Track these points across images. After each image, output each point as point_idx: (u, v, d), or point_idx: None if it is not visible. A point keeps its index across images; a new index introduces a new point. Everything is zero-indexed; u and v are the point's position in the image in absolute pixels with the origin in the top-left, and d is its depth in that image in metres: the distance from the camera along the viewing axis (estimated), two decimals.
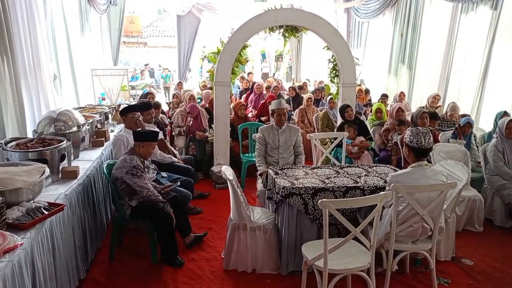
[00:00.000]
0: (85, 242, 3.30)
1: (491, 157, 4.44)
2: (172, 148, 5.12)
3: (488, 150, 4.53)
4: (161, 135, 4.96)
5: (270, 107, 4.52)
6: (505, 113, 4.95)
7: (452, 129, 5.26)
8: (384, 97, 8.05)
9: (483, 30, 6.43)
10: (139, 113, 4.49)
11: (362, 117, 6.66)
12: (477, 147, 5.15)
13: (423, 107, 6.47)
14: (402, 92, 7.88)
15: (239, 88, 10.84)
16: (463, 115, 5.65)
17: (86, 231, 3.34)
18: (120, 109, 4.81)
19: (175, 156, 4.92)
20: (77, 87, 6.89)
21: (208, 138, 6.09)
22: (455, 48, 7.23)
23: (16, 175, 2.50)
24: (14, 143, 3.29)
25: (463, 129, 5.05)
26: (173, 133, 6.52)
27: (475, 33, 6.68)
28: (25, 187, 2.47)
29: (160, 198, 3.50)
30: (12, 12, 4.15)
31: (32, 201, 2.56)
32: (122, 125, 5.11)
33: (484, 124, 6.27)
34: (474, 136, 5.24)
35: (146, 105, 5.07)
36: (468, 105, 6.74)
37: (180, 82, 10.80)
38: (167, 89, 15.00)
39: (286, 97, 9.32)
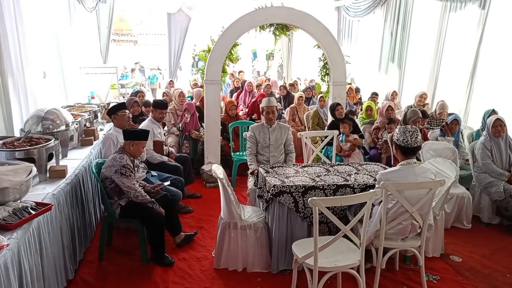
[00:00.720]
0: (73, 242, 3.27)
1: (479, 155, 4.50)
2: (172, 149, 5.10)
3: (476, 148, 4.58)
4: (160, 137, 4.92)
5: (260, 105, 4.51)
6: (493, 111, 5.00)
7: (441, 128, 5.31)
8: (374, 95, 8.09)
9: (472, 29, 6.50)
10: (128, 111, 4.45)
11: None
12: (463, 143, 5.21)
13: (411, 106, 6.53)
14: (394, 91, 7.92)
15: (229, 85, 10.80)
16: (450, 114, 5.71)
17: (74, 231, 3.31)
18: (108, 108, 4.77)
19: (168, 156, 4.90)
20: (66, 86, 6.80)
21: (200, 139, 6.07)
22: (444, 46, 7.30)
23: (3, 174, 2.46)
24: (0, 142, 3.24)
25: (450, 126, 5.10)
26: (164, 132, 6.47)
27: (464, 32, 6.75)
28: (12, 186, 2.43)
29: (148, 198, 3.47)
30: None
31: (19, 201, 2.52)
32: (111, 124, 5.06)
33: (472, 122, 6.34)
34: (461, 133, 5.29)
35: (163, 104, 5.03)
36: (456, 104, 6.80)
37: (171, 80, 10.73)
38: (153, 90, 14.70)
39: (277, 95, 9.32)
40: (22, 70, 4.73)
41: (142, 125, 4.83)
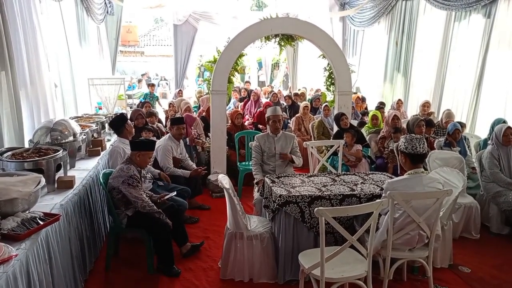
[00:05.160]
0: (82, 252, 3.28)
1: (486, 164, 4.46)
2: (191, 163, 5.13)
3: (483, 157, 4.55)
4: (180, 156, 4.91)
5: (266, 114, 4.50)
6: (504, 122, 4.98)
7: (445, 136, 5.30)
8: (381, 105, 8.06)
9: (477, 38, 6.50)
10: (130, 122, 4.48)
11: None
12: (470, 150, 5.18)
13: (417, 115, 6.51)
14: (400, 100, 7.91)
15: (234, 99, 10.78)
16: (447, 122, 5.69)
17: (83, 240, 3.32)
18: (109, 122, 4.77)
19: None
20: (75, 97, 6.90)
21: (205, 146, 6.10)
22: (450, 56, 7.29)
23: (12, 185, 2.49)
24: (9, 153, 3.28)
25: (453, 136, 5.06)
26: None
27: (469, 41, 6.74)
28: (21, 197, 2.46)
29: (155, 208, 3.48)
30: (12, 22, 4.17)
31: (27, 212, 2.55)
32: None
33: (480, 131, 6.30)
34: (466, 139, 5.24)
35: (179, 119, 4.97)
36: (463, 113, 6.78)
37: (180, 90, 10.82)
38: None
39: (284, 104, 9.35)
40: (35, 82, 4.82)
41: (158, 143, 4.74)
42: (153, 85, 10.63)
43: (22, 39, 4.50)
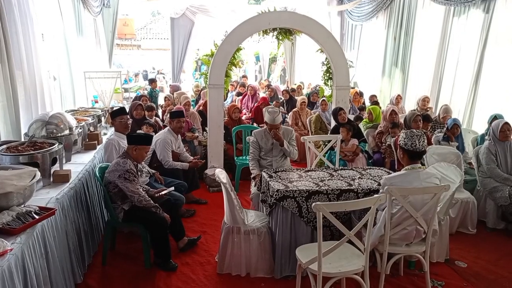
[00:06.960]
0: (80, 246, 3.27)
1: (484, 159, 4.47)
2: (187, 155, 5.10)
3: (481, 152, 4.55)
4: (178, 150, 4.88)
5: (264, 118, 4.37)
6: (495, 118, 4.99)
7: (441, 130, 5.31)
8: (374, 98, 8.04)
9: (475, 33, 6.48)
10: (128, 116, 4.44)
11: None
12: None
13: (415, 110, 6.51)
14: (399, 95, 7.89)
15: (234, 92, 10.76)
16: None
17: (81, 235, 3.31)
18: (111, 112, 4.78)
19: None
20: (71, 90, 6.85)
21: (201, 141, 6.07)
22: (448, 51, 7.27)
23: (7, 179, 2.46)
24: (4, 146, 3.25)
25: (452, 131, 5.09)
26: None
27: (468, 36, 6.72)
28: (16, 191, 2.44)
29: (152, 203, 3.46)
30: (9, 13, 4.12)
31: (22, 206, 2.53)
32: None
33: (477, 126, 6.30)
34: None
35: (179, 112, 4.93)
36: (461, 108, 6.78)
37: (171, 85, 10.74)
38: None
39: (282, 98, 9.32)
40: (29, 74, 4.77)
41: (157, 136, 4.72)
42: (154, 81, 10.44)
43: (20, 31, 4.44)
